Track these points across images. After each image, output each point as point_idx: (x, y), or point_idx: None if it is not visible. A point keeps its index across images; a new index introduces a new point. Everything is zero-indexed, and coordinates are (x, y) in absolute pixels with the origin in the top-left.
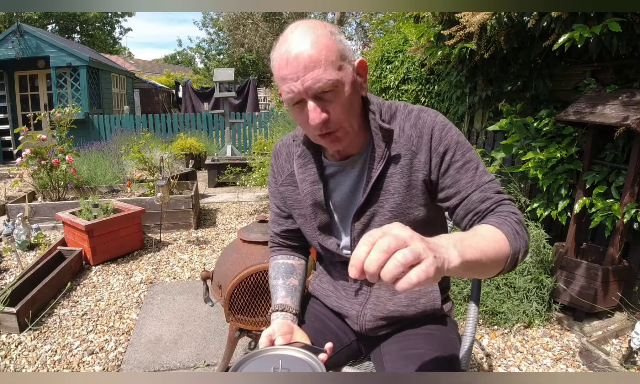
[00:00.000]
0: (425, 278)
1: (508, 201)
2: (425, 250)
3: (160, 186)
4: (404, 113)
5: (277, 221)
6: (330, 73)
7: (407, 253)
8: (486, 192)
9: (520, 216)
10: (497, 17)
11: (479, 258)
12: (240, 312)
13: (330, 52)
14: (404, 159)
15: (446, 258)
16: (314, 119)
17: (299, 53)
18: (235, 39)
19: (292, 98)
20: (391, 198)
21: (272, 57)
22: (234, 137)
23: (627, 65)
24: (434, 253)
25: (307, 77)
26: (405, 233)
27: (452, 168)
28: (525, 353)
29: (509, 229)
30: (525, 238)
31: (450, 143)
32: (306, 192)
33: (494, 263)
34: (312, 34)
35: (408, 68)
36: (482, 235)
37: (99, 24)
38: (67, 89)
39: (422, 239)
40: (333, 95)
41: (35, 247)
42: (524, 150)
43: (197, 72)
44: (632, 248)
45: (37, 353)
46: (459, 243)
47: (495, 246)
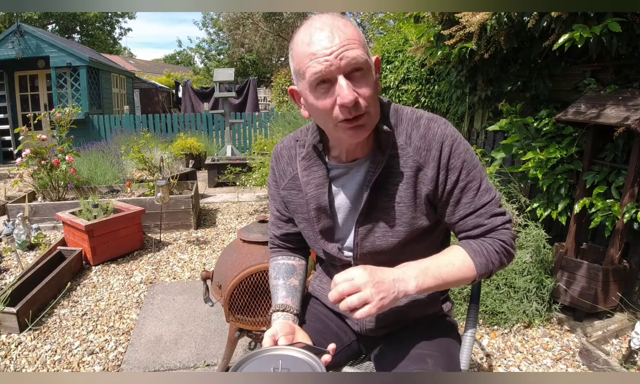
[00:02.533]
0: (366, 316)
1: (499, 228)
2: (372, 295)
3: (160, 186)
4: (411, 119)
5: (277, 225)
6: (364, 54)
7: (355, 299)
8: (480, 218)
9: (507, 239)
10: (497, 17)
11: (437, 285)
12: (240, 312)
13: (360, 36)
14: (410, 170)
15: (401, 290)
16: (347, 95)
17: (333, 29)
18: (235, 39)
19: (322, 73)
20: (397, 206)
21: (295, 42)
22: (234, 137)
23: (627, 65)
24: (381, 295)
25: (343, 50)
26: (361, 279)
27: (457, 188)
28: (525, 353)
29: (481, 260)
30: (502, 261)
31: (457, 162)
32: (311, 195)
33: (452, 285)
34: (341, 19)
35: (408, 68)
36: (451, 264)
37: (99, 24)
38: (67, 89)
39: (374, 285)
40: (363, 76)
41: (35, 247)
42: (524, 150)
43: (197, 72)
44: (632, 248)
45: (37, 353)
46: (422, 275)
47: (459, 275)
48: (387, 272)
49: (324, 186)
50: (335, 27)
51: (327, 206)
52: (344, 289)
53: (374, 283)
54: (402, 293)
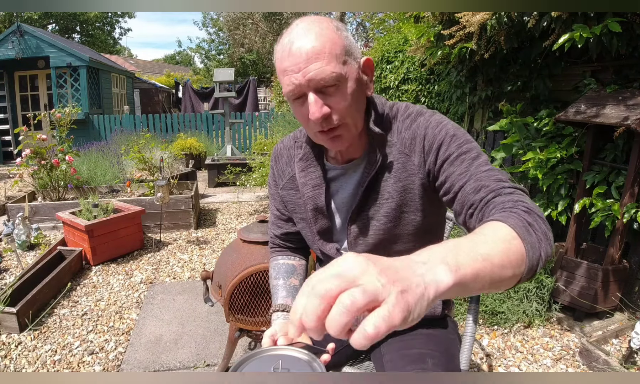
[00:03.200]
0: (386, 328)
1: (510, 189)
2: (385, 286)
3: (160, 186)
4: (403, 115)
5: (277, 224)
6: (334, 66)
7: (357, 294)
8: (482, 181)
9: (531, 205)
10: (497, 17)
11: (482, 269)
12: (240, 312)
13: (334, 45)
14: (397, 163)
15: (430, 283)
16: (314, 113)
17: (302, 44)
18: (235, 39)
19: (293, 91)
20: (386, 202)
21: (275, 50)
22: (234, 137)
23: (627, 65)
24: (400, 287)
25: (309, 69)
26: (356, 267)
27: (447, 162)
28: (525, 353)
29: (516, 221)
30: (544, 229)
31: (445, 137)
32: (308, 196)
33: (506, 270)
34: (316, 27)
35: (408, 68)
36: (483, 235)
37: (99, 24)
38: (67, 89)
39: (381, 270)
40: (336, 90)
41: (35, 247)
42: (524, 150)
43: (197, 72)
44: (632, 248)
45: (37, 353)
46: (451, 255)
47: (503, 248)
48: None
49: (320, 187)
50: (306, 40)
51: (324, 207)
52: (327, 290)
53: (380, 269)
54: (432, 288)
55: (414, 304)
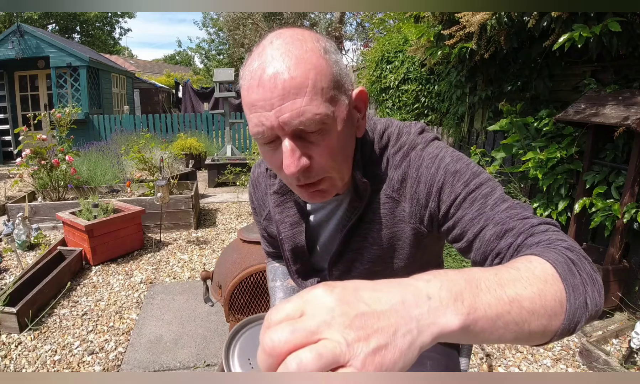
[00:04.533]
0: None
1: (543, 226)
2: (351, 346)
3: (160, 186)
4: (394, 147)
5: (266, 243)
6: (318, 106)
7: (308, 358)
8: (505, 224)
9: (572, 242)
10: (497, 17)
11: (506, 313)
12: (240, 312)
13: (320, 76)
14: (384, 208)
15: (426, 327)
16: (290, 166)
17: (277, 72)
18: (235, 39)
19: (262, 134)
20: (371, 248)
21: (241, 74)
22: (234, 137)
23: (627, 65)
24: (375, 344)
25: (285, 108)
26: (321, 312)
27: (453, 206)
28: (525, 353)
29: (556, 256)
30: (589, 271)
31: (445, 176)
32: (285, 235)
33: (538, 318)
34: (297, 49)
35: (408, 68)
36: (515, 270)
37: (99, 24)
38: (67, 89)
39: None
40: (319, 136)
41: (35, 247)
42: (524, 150)
43: (197, 72)
44: (632, 248)
45: (37, 353)
46: (469, 290)
47: (538, 288)
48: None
49: (299, 224)
50: (282, 67)
51: (304, 246)
52: (275, 346)
53: (353, 318)
54: (428, 332)
55: (391, 364)
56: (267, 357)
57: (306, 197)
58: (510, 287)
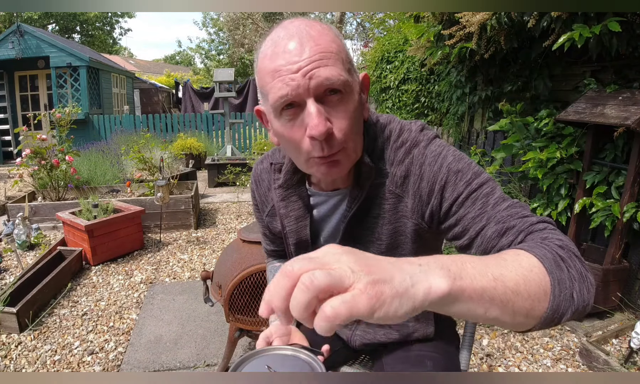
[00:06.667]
0: (347, 312)
1: (541, 224)
2: (355, 273)
3: (160, 186)
4: (396, 143)
5: (267, 242)
6: (341, 71)
7: (318, 274)
8: (506, 222)
9: (567, 241)
10: (497, 17)
11: (491, 288)
12: (240, 312)
13: (340, 48)
14: (387, 203)
15: (419, 282)
16: (318, 125)
17: (303, 40)
18: (235, 39)
19: (287, 96)
20: (375, 243)
21: (260, 51)
22: (234, 137)
23: (627, 65)
24: (375, 277)
25: (312, 66)
26: (331, 254)
27: (455, 204)
28: (525, 353)
29: (544, 252)
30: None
31: (448, 175)
32: (290, 229)
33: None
34: (318, 25)
35: (408, 68)
36: (501, 259)
37: (99, 24)
38: (67, 89)
39: (359, 260)
40: (341, 101)
41: (35, 247)
42: (524, 150)
43: (197, 73)
44: (632, 248)
45: (37, 353)
46: (455, 264)
47: (521, 273)
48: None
49: (304, 218)
50: (306, 36)
51: (308, 240)
52: (293, 269)
53: (358, 259)
54: (421, 289)
55: (389, 297)
56: (284, 278)
57: (323, 171)
58: (495, 268)
